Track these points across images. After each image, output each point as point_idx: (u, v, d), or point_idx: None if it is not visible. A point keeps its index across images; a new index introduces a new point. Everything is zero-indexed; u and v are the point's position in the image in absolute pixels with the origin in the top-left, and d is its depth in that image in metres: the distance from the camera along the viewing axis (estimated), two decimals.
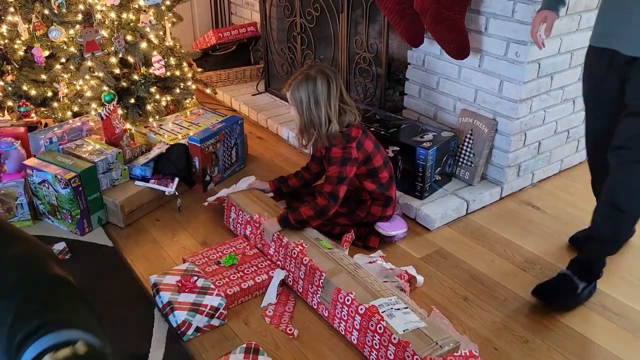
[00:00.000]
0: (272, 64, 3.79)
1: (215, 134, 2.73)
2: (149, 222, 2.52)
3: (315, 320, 1.96)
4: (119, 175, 2.52)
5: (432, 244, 2.37)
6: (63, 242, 2.32)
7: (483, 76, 2.55)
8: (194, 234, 2.44)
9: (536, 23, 1.99)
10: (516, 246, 2.33)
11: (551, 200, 2.63)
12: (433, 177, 2.54)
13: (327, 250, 2.06)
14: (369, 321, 1.71)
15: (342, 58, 3.19)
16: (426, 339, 1.61)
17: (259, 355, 1.72)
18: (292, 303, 2.03)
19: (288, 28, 3.54)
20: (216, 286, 1.98)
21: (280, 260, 2.14)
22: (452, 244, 2.37)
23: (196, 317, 1.86)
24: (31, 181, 2.42)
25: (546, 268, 2.20)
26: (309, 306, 2.02)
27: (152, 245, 2.37)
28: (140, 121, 2.94)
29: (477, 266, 2.22)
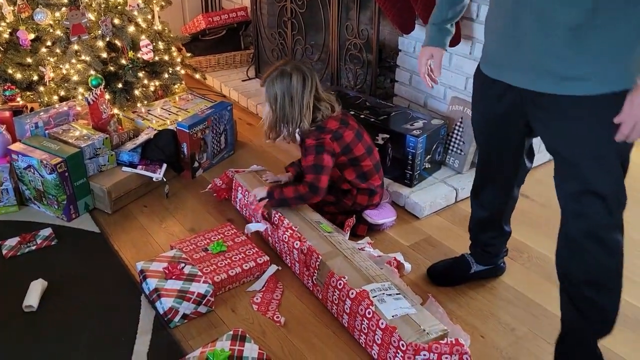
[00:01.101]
0: (263, 50, 3.75)
1: (204, 120, 2.71)
2: (137, 209, 2.50)
3: (302, 308, 1.95)
4: (106, 161, 2.49)
5: (420, 232, 2.37)
6: (49, 228, 2.30)
7: (474, 64, 2.53)
8: (181, 221, 2.42)
9: (422, 62, 1.81)
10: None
11: (540, 189, 2.63)
12: (423, 165, 2.53)
13: (327, 233, 2.06)
14: (358, 305, 1.71)
15: (333, 44, 3.16)
16: (414, 326, 1.61)
17: (246, 342, 1.71)
18: (280, 291, 2.02)
19: (278, 13, 3.50)
20: (203, 273, 1.97)
21: (277, 244, 2.14)
22: (441, 232, 2.37)
23: (183, 304, 1.85)
24: (17, 166, 2.39)
25: (534, 256, 2.21)
26: (297, 294, 2.01)
27: (139, 231, 2.35)
28: (128, 106, 2.90)
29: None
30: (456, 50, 2.57)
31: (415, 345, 1.53)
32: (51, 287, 1.99)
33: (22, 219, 2.39)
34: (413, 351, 1.53)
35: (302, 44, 3.40)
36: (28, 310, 1.88)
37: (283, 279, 2.09)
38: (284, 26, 3.49)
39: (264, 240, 2.28)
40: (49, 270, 2.08)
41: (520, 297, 2.01)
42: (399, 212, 2.45)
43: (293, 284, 2.07)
